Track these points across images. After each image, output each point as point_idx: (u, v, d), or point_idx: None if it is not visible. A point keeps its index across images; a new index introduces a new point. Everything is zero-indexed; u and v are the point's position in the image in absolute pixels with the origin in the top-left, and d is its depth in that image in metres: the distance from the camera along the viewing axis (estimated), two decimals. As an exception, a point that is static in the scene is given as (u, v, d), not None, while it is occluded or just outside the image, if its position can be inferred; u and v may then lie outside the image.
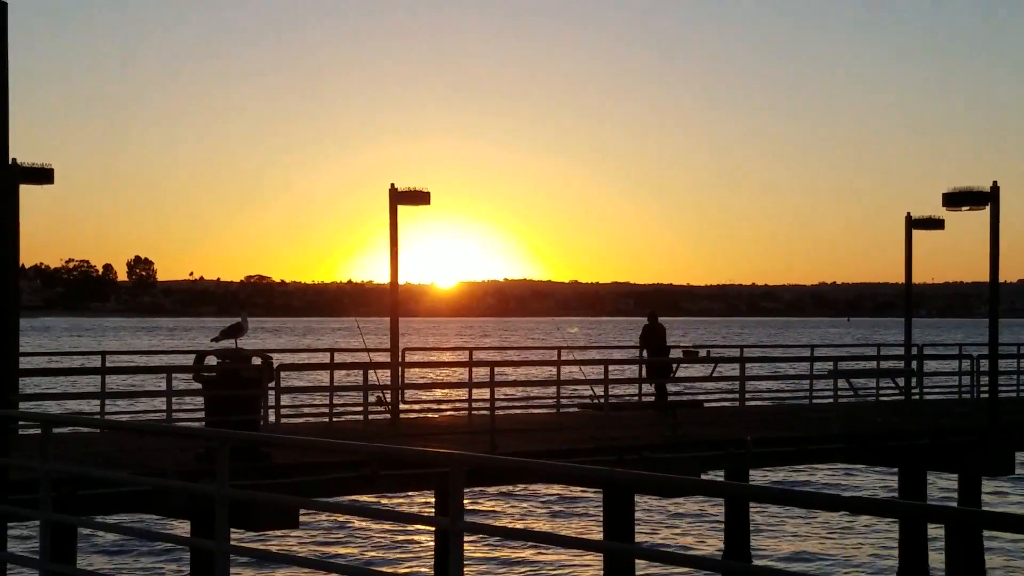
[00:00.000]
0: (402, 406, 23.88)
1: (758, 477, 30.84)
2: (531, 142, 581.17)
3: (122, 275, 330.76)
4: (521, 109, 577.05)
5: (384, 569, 24.72)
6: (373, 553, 27.76)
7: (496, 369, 22.19)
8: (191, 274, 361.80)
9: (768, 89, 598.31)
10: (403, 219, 23.61)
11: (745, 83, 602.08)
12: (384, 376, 23.58)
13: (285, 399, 21.46)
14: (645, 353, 28.97)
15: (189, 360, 19.06)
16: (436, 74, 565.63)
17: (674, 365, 29.23)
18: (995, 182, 23.59)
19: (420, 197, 23.45)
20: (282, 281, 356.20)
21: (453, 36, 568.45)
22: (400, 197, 23.31)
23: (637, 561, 21.35)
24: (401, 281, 24.01)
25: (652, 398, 27.71)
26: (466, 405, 25.26)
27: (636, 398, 28.47)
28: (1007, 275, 30.61)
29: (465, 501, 8.18)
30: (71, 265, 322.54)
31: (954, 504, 25.99)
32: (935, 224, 28.37)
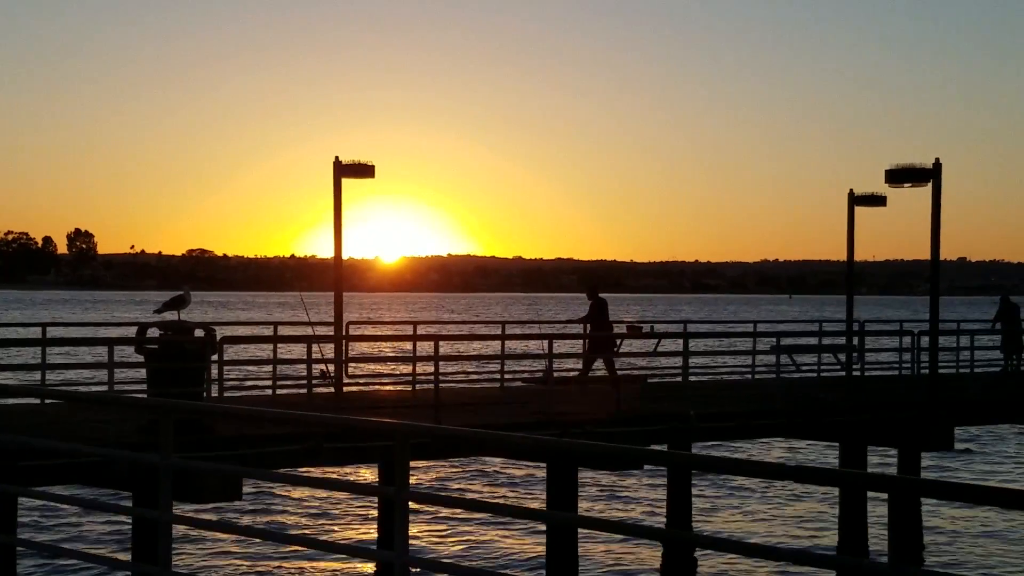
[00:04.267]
0: (346, 380, 23.78)
1: (701, 452, 30.99)
2: (474, 125, 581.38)
3: (62, 248, 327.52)
4: (466, 93, 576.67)
5: (328, 539, 24.64)
6: (317, 524, 27.69)
7: (440, 343, 22.15)
8: (132, 247, 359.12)
9: (711, 66, 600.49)
10: (347, 194, 23.36)
11: (688, 60, 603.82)
12: (328, 350, 23.46)
13: (228, 372, 21.33)
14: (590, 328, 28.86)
15: (131, 332, 18.88)
16: (382, 55, 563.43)
17: (617, 340, 29.20)
18: (937, 159, 23.71)
19: (365, 170, 23.18)
20: (224, 255, 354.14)
21: (396, 20, 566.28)
22: (344, 170, 23.05)
23: (580, 534, 21.44)
24: (345, 256, 23.84)
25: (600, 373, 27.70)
26: (410, 379, 25.18)
27: (580, 373, 28.44)
28: (947, 253, 30.88)
29: (410, 475, 8.16)
30: (10, 237, 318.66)
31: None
32: (878, 201, 28.47)
